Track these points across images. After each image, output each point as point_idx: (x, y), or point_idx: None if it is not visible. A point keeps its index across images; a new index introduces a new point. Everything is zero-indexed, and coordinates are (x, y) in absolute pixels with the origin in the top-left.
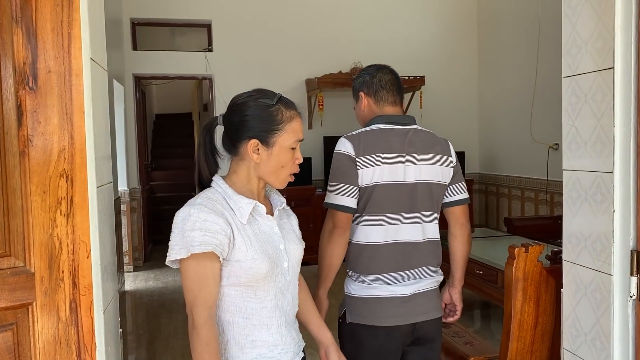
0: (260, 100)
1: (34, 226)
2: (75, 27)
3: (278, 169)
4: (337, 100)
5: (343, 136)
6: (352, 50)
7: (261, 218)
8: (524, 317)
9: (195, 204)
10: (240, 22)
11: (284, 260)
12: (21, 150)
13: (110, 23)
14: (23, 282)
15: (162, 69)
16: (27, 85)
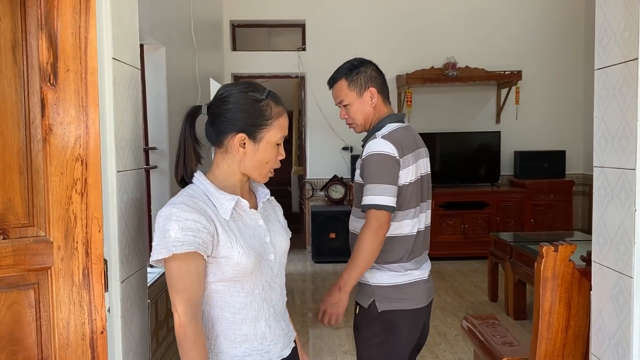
0: (250, 94)
1: (52, 202)
2: (91, 31)
3: (262, 164)
4: (427, 96)
5: (380, 137)
6: (445, 45)
7: (245, 213)
8: (553, 318)
9: (176, 203)
10: (333, 20)
11: (270, 252)
12: (43, 138)
13: (211, 26)
14: (43, 249)
15: (259, 69)
16: (49, 82)
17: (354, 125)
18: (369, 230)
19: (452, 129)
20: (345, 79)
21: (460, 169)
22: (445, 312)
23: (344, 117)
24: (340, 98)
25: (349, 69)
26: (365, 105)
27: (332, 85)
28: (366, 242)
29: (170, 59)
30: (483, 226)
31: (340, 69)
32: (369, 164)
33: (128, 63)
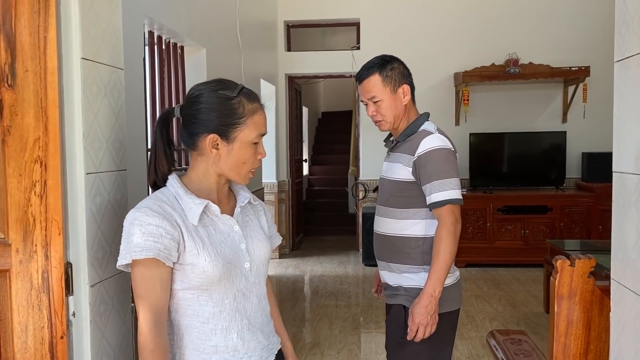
0: (221, 92)
1: (11, 204)
2: (51, 31)
3: (239, 165)
4: (486, 94)
5: (436, 132)
6: (506, 41)
7: (217, 218)
8: (570, 341)
9: (141, 207)
10: (387, 18)
11: (244, 260)
12: (2, 139)
13: (265, 27)
14: (1, 251)
15: (313, 69)
16: (7, 83)
17: (382, 123)
18: (451, 227)
19: (513, 128)
20: (379, 74)
21: (521, 171)
22: (494, 323)
23: (373, 114)
24: (373, 94)
25: (382, 63)
26: (398, 103)
27: (364, 79)
28: (449, 239)
29: (211, 60)
30: (545, 232)
31: (371, 64)
32: (433, 159)
33: (105, 63)
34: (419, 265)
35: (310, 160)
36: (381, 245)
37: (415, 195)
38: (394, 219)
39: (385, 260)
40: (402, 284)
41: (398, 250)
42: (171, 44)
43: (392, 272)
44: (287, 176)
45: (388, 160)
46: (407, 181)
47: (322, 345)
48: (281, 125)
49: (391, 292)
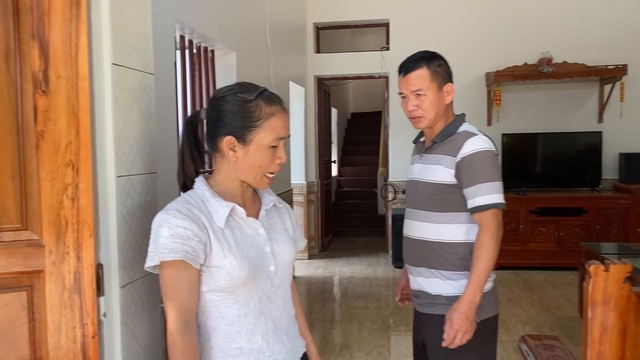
0: (239, 95)
1: (44, 207)
2: (82, 38)
3: (254, 168)
4: (518, 94)
5: (481, 134)
6: (539, 40)
7: (243, 221)
8: (604, 348)
9: (169, 209)
10: (417, 18)
11: (269, 263)
12: (36, 144)
13: (293, 29)
14: (35, 252)
15: (342, 70)
16: (40, 88)
17: (422, 119)
18: (494, 232)
19: (547, 129)
20: (427, 67)
21: (555, 173)
22: (526, 327)
23: (413, 109)
24: (419, 87)
25: (430, 57)
26: (441, 101)
27: (411, 71)
28: (492, 244)
29: (241, 64)
30: (580, 234)
31: (419, 57)
32: (478, 161)
33: (135, 68)
34: (460, 271)
35: (339, 162)
36: (416, 250)
37: (456, 198)
38: (432, 223)
39: (421, 267)
40: (443, 292)
41: (437, 256)
42: (202, 48)
43: (430, 279)
44: (315, 177)
45: (422, 162)
46: (448, 184)
47: (351, 347)
48: (310, 126)
49: (428, 301)
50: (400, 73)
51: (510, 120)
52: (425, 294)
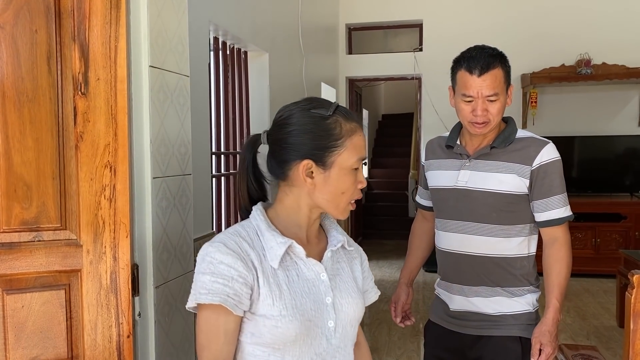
0: (313, 111)
1: (82, 207)
2: (121, 41)
3: (337, 195)
4: (555, 96)
5: (550, 142)
6: (577, 40)
7: (302, 262)
8: None
9: (215, 241)
10: (451, 18)
11: (328, 318)
12: (75, 145)
13: (325, 30)
14: (73, 251)
15: (373, 71)
16: (80, 90)
17: (487, 125)
18: (570, 247)
19: (585, 132)
20: (501, 68)
21: (592, 177)
22: (562, 336)
23: (483, 113)
24: (496, 90)
25: (502, 56)
26: (505, 104)
27: (490, 70)
28: (570, 260)
29: (273, 65)
30: (618, 241)
31: (490, 53)
32: (554, 171)
33: (172, 70)
34: (525, 287)
35: (370, 164)
36: (473, 268)
37: (523, 209)
38: (495, 237)
39: (480, 285)
40: (507, 311)
41: (504, 272)
42: (235, 50)
43: (490, 298)
44: None
45: (474, 169)
46: (519, 194)
47: (381, 351)
48: None
49: (485, 323)
50: (472, 72)
51: (547, 123)
52: (480, 315)
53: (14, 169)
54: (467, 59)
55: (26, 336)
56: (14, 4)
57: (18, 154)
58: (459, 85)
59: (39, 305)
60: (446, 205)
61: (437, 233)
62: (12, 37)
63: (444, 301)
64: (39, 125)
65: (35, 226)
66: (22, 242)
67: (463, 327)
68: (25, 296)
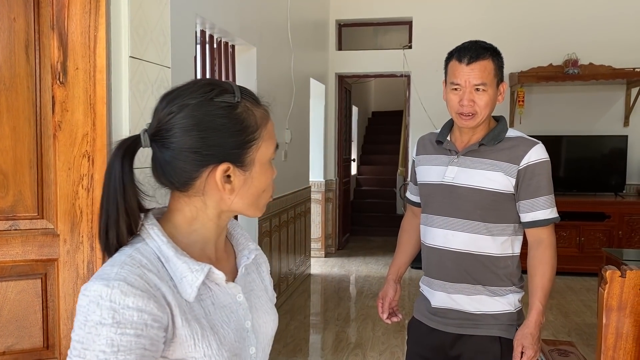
0: (218, 100)
1: (60, 196)
2: (100, 30)
3: (258, 195)
4: (542, 95)
5: (539, 142)
6: (565, 40)
7: (218, 287)
8: (619, 355)
9: (111, 277)
10: (440, 16)
11: (250, 345)
12: (53, 134)
13: (315, 26)
14: (50, 240)
15: (363, 68)
16: (58, 80)
17: (474, 117)
18: (554, 248)
19: (571, 131)
20: (492, 60)
21: (578, 176)
22: (544, 332)
23: (469, 104)
24: (484, 80)
25: (495, 50)
26: (495, 100)
27: (479, 59)
28: (554, 261)
29: (261, 59)
30: (602, 240)
31: (483, 46)
32: (542, 172)
33: (152, 61)
34: (507, 286)
35: (359, 160)
36: (457, 264)
37: (508, 208)
38: (479, 234)
39: (462, 282)
40: (488, 310)
41: (486, 271)
42: (222, 43)
43: (472, 296)
44: (334, 175)
45: (461, 166)
46: (505, 192)
47: (365, 346)
48: (330, 124)
49: (467, 321)
50: (462, 60)
51: (534, 121)
52: (461, 313)
53: None
54: (459, 49)
55: (1, 325)
56: None
57: None
58: (449, 74)
59: (15, 294)
60: (432, 201)
61: (422, 228)
62: None
63: (427, 297)
64: (16, 114)
65: (11, 215)
66: None
67: (444, 325)
68: (1, 285)
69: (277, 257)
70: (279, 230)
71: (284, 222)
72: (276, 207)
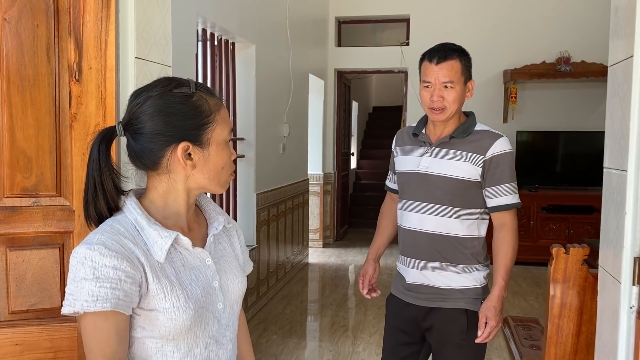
0: (176, 91)
1: (75, 178)
2: (110, 35)
3: (219, 172)
4: (535, 92)
5: (504, 135)
6: (559, 38)
7: (187, 251)
8: (563, 322)
9: (93, 242)
10: (437, 14)
11: (217, 301)
12: (70, 124)
13: (316, 22)
14: (67, 215)
15: (362, 64)
16: (74, 77)
17: (444, 111)
18: (516, 231)
19: (562, 127)
20: (459, 60)
21: (568, 171)
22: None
23: (439, 99)
24: (451, 78)
25: (463, 51)
26: (463, 96)
27: (447, 60)
28: (515, 242)
29: (260, 56)
30: (590, 232)
31: (452, 48)
32: (506, 162)
33: (155, 61)
34: (473, 264)
35: (359, 154)
36: (429, 244)
37: (475, 194)
38: (449, 218)
39: (433, 261)
40: (456, 285)
41: (454, 250)
42: (223, 41)
43: (442, 272)
44: (333, 169)
45: (434, 156)
46: (472, 180)
47: (356, 329)
48: (328, 118)
49: (437, 295)
50: (432, 61)
51: (526, 118)
52: (432, 288)
53: (17, 143)
54: (430, 51)
55: (26, 287)
56: (19, 2)
57: (20, 131)
58: (422, 74)
59: (37, 260)
60: (408, 188)
61: (399, 212)
62: (16, 30)
63: (402, 275)
64: (39, 107)
65: (34, 193)
66: (22, 206)
67: (417, 299)
68: (25, 252)
69: (275, 245)
70: (277, 220)
71: (281, 212)
72: (274, 198)
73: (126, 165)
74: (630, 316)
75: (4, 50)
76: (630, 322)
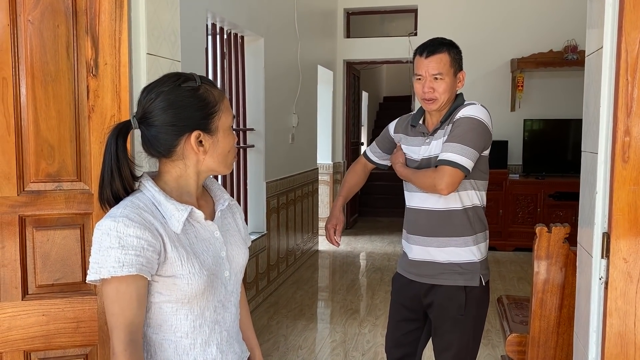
0: (184, 85)
1: (94, 164)
2: (124, 33)
3: (225, 155)
4: (543, 80)
5: (479, 105)
6: (566, 27)
7: (199, 224)
8: (547, 296)
9: (117, 215)
10: (446, 4)
11: (225, 269)
12: (88, 115)
13: (324, 14)
14: (86, 198)
15: (370, 55)
16: (92, 73)
17: (435, 101)
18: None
19: (569, 115)
20: (448, 53)
21: (575, 158)
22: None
23: (429, 91)
24: (440, 71)
25: (451, 44)
26: (454, 87)
27: (435, 54)
28: (430, 180)
29: (269, 49)
30: None
31: (440, 42)
32: (468, 125)
33: (165, 57)
34: (469, 235)
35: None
36: (428, 221)
37: None
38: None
39: (435, 236)
40: (455, 260)
41: (452, 223)
42: (232, 35)
43: (442, 248)
44: (342, 158)
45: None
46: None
47: (363, 312)
48: (338, 109)
49: (438, 272)
50: (422, 55)
51: (533, 106)
52: (433, 263)
53: (41, 133)
54: (421, 46)
55: (50, 263)
56: (41, 5)
57: (44, 122)
58: (414, 68)
59: (60, 239)
60: None
61: (406, 194)
62: (39, 30)
63: (406, 252)
64: (60, 100)
65: (57, 178)
66: (47, 190)
67: (419, 276)
68: (49, 232)
69: (285, 232)
70: (287, 208)
71: (291, 201)
72: (283, 187)
73: (139, 153)
74: (600, 287)
75: (28, 48)
76: (600, 292)
